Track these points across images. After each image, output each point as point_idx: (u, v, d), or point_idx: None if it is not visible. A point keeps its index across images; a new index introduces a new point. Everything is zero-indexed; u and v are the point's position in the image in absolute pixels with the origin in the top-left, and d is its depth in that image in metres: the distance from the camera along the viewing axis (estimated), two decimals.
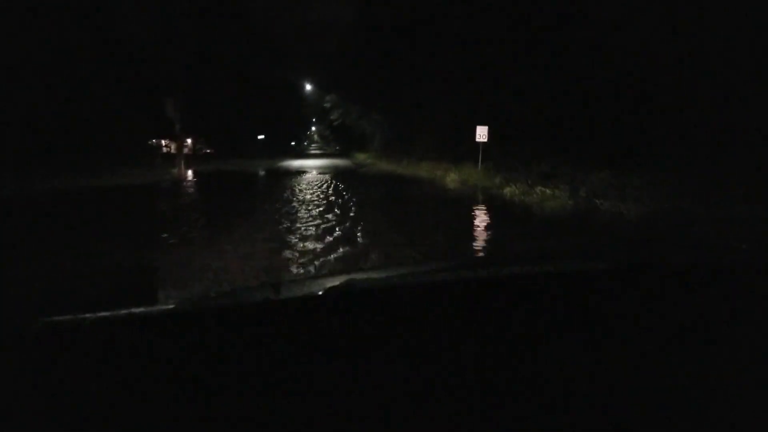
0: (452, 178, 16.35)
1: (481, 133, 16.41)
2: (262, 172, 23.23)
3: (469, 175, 16.30)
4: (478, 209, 10.46)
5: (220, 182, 18.71)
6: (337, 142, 59.48)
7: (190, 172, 21.75)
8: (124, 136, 26.20)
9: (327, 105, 41.11)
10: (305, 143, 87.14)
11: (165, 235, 7.46)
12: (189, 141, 43.17)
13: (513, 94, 17.66)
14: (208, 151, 40.94)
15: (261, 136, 46.46)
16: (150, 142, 31.66)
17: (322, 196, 12.31)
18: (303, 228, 7.75)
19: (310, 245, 6.44)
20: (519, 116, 17.43)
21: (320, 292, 1.01)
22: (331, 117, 41.70)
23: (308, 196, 12.21)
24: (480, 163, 16.54)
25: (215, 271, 5.09)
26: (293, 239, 6.89)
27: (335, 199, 11.64)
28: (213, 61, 32.79)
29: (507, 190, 12.75)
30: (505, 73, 17.86)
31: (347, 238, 6.87)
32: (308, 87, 48.70)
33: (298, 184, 15.72)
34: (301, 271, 5.24)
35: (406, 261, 5.44)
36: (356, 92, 33.69)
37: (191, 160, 30.26)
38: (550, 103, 15.80)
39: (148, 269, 2.01)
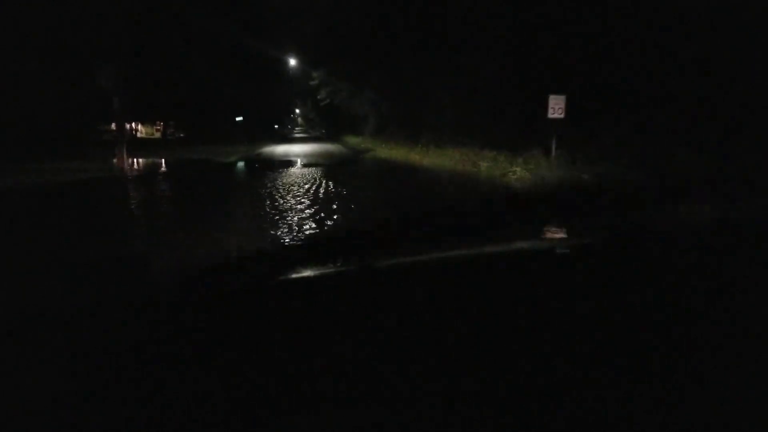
0: (520, 176, 10.64)
1: (556, 106, 10.89)
2: (235, 165, 17.56)
3: (544, 168, 10.71)
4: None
5: (169, 183, 13.01)
6: (324, 124, 54.08)
7: (159, 163, 16.14)
8: (55, 119, 20.44)
9: (313, 83, 36.42)
10: (289, 126, 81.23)
11: None
12: (161, 124, 39.31)
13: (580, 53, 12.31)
14: (182, 135, 37.01)
15: (239, 118, 40.72)
16: (108, 128, 25.99)
17: (316, 229, 6.72)
18: None
19: None
20: (594, 82, 12.05)
21: (333, 271, 1.00)
22: (318, 96, 37.00)
23: (291, 225, 6.67)
24: (554, 150, 11.04)
25: None
26: None
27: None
28: (181, 32, 26.87)
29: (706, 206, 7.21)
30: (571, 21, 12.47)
31: None
32: (292, 62, 43.09)
33: (279, 190, 10.08)
34: None
35: None
36: (347, 66, 28.45)
37: (161, 146, 26.18)
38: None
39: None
